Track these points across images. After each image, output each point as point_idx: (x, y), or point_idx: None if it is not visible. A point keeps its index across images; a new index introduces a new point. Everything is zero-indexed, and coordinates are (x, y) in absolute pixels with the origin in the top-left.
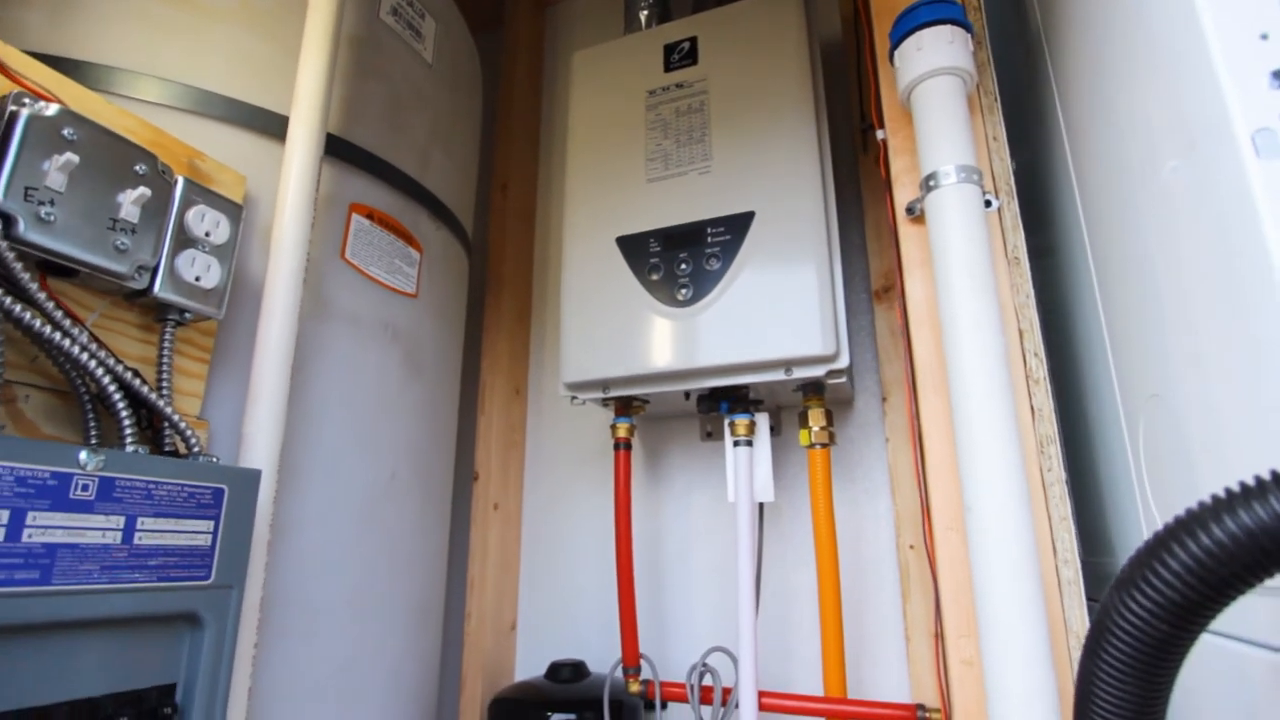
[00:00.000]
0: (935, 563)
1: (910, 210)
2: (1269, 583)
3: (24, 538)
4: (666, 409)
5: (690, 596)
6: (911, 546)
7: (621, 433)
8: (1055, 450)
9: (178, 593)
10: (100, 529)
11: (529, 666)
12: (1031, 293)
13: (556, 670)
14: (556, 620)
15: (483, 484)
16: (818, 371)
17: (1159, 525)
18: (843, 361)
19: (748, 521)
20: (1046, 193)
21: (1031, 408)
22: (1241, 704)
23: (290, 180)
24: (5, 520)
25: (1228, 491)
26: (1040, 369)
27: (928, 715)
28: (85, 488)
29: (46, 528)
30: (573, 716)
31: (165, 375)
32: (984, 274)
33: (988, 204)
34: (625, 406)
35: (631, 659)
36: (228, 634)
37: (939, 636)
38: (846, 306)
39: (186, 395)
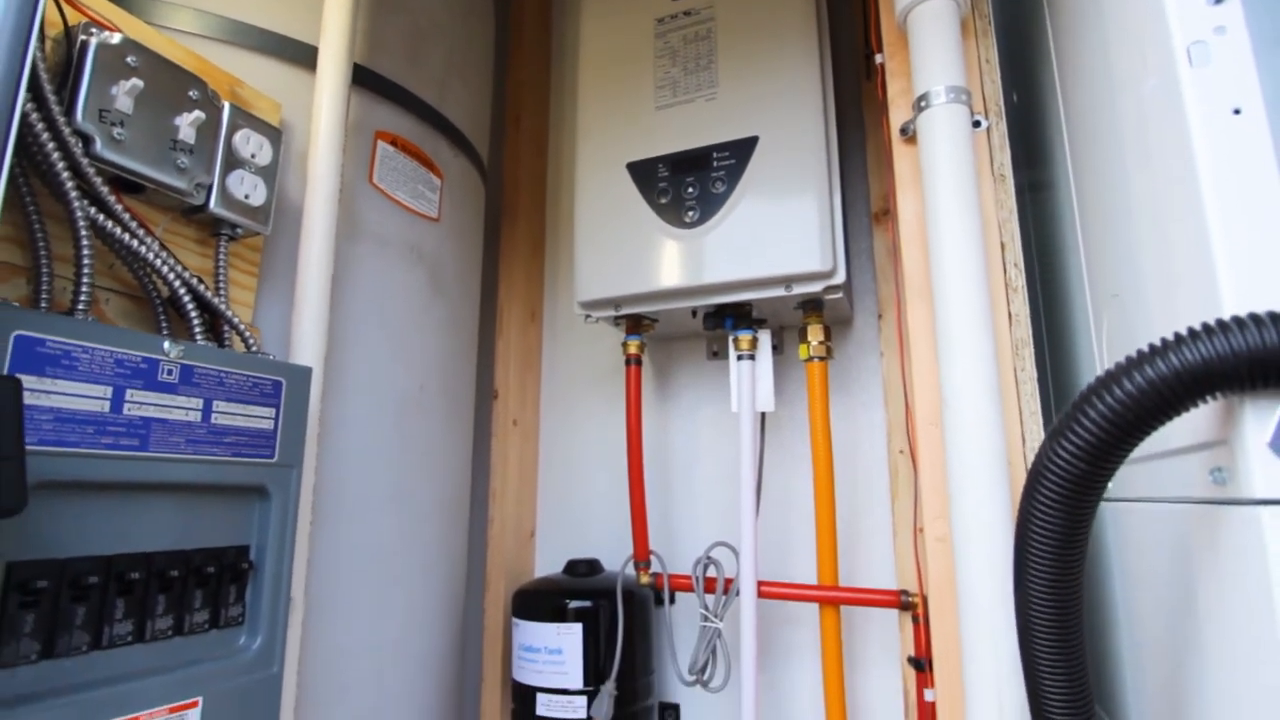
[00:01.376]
0: (917, 455)
1: (904, 131)
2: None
3: (124, 411)
4: (674, 329)
5: (696, 503)
6: (901, 451)
7: (632, 349)
8: (1028, 352)
9: (248, 467)
10: (184, 408)
11: (547, 568)
12: (1014, 208)
13: (573, 567)
14: (572, 527)
15: (502, 402)
16: (816, 287)
17: None
18: (839, 277)
19: (750, 429)
20: (1041, 126)
21: (1009, 313)
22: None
23: (323, 107)
24: (110, 395)
25: (1137, 353)
26: (1019, 278)
27: (910, 599)
28: (170, 372)
29: (141, 404)
30: (588, 604)
31: (222, 285)
32: (969, 189)
33: (977, 124)
34: (635, 325)
35: (642, 554)
36: (290, 507)
37: (918, 530)
38: (847, 230)
39: (239, 305)
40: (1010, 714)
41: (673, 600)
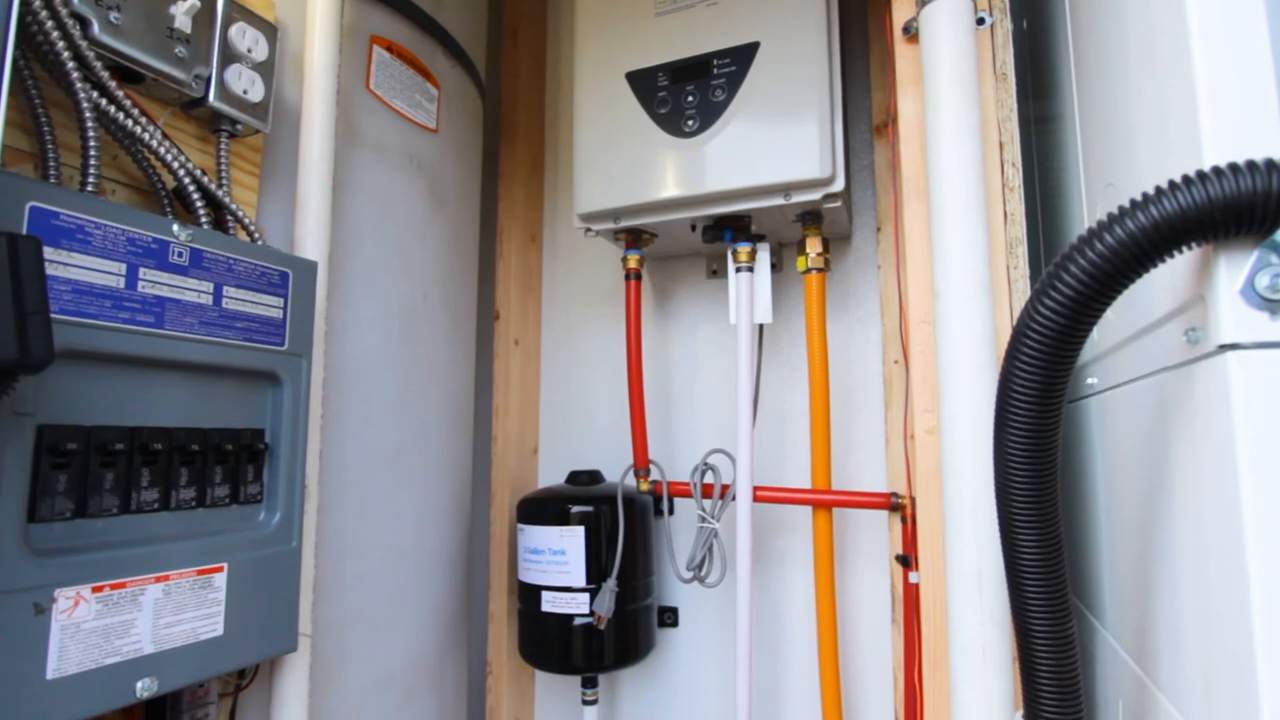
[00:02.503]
0: (909, 352)
1: (906, 30)
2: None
3: (139, 288)
4: (673, 246)
5: (694, 417)
6: (896, 361)
7: (632, 264)
8: (1022, 251)
9: (259, 353)
10: (195, 290)
11: (550, 483)
12: (1015, 107)
13: (575, 476)
14: (574, 444)
15: (503, 322)
16: (815, 195)
17: None
18: (838, 185)
19: (747, 341)
20: (1050, 55)
21: (1005, 212)
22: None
23: (318, 4)
24: (124, 272)
25: (1118, 209)
26: (1016, 178)
27: (900, 500)
28: (180, 254)
29: (155, 283)
30: (590, 508)
31: (224, 181)
32: (970, 86)
33: (980, 21)
34: (635, 239)
35: (642, 462)
36: (301, 395)
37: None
38: (848, 143)
39: (242, 205)
40: (989, 587)
41: (672, 510)
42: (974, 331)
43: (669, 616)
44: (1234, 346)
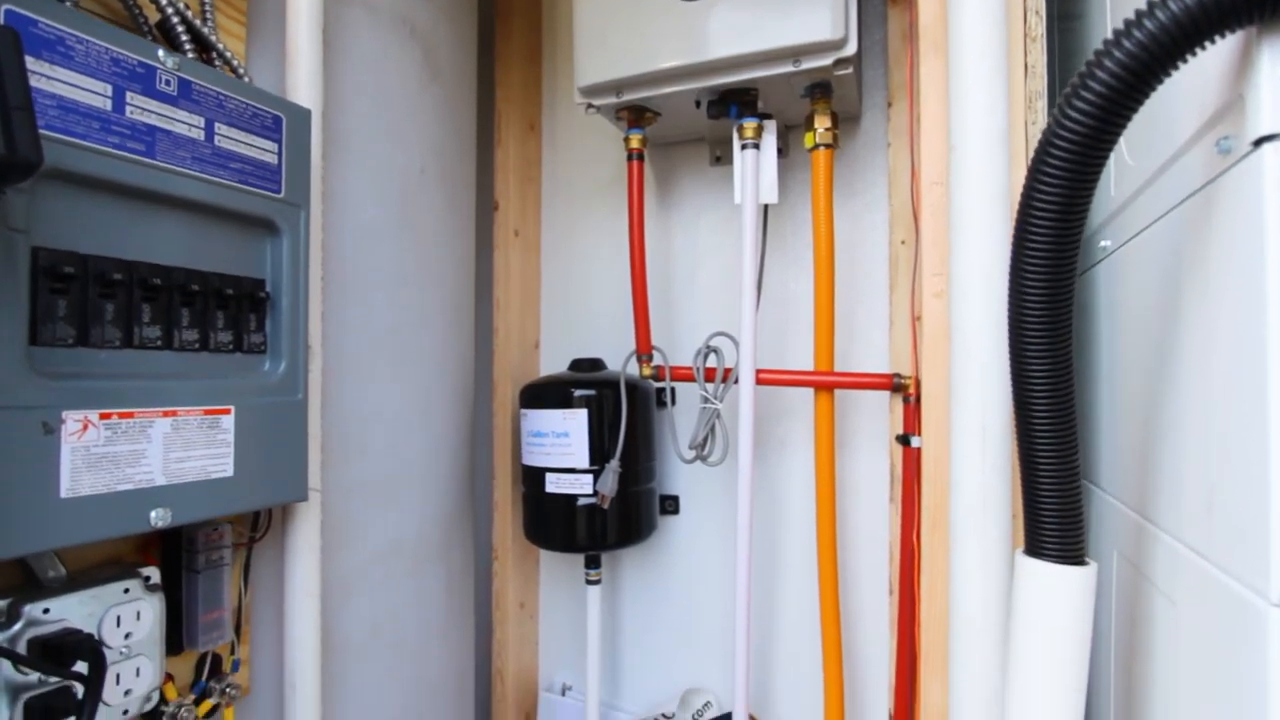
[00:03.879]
0: (919, 215)
1: None
2: None
3: (126, 113)
4: (677, 128)
5: (697, 306)
6: (903, 241)
7: (634, 144)
8: (1041, 105)
9: (255, 198)
10: (186, 123)
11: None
12: None
13: (578, 364)
14: (575, 338)
15: (503, 213)
16: (826, 60)
17: None
18: (850, 48)
19: (752, 221)
20: None
21: (1025, 64)
22: (1165, 266)
23: None
24: (110, 94)
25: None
26: (1039, 26)
27: (902, 381)
28: (168, 83)
29: (143, 109)
30: (593, 392)
31: (209, 20)
32: None
33: None
34: (637, 117)
35: (645, 347)
36: (301, 246)
37: (917, 318)
38: (861, 14)
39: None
40: (992, 438)
41: (674, 401)
42: (989, 186)
43: (670, 504)
44: (1272, 137)
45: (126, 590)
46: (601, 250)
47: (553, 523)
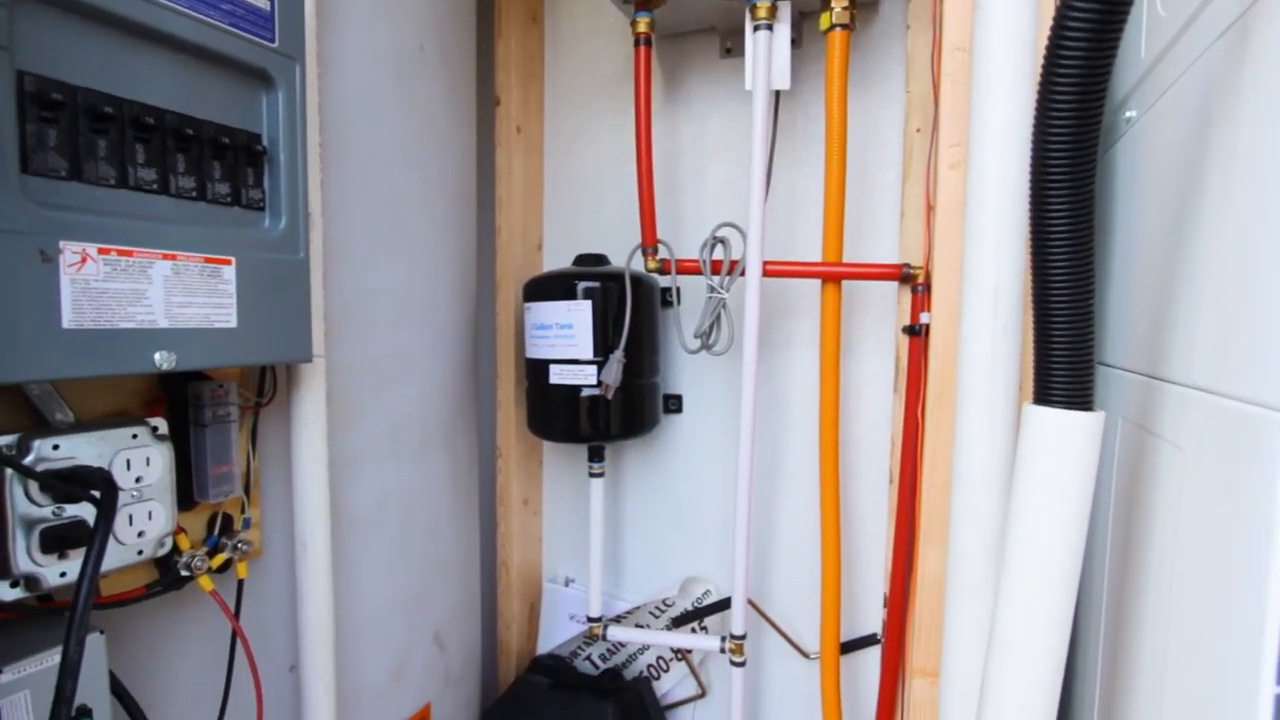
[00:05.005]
0: (939, 85)
1: None
2: None
3: None
4: (685, 15)
5: (703, 204)
6: (918, 130)
7: (642, 27)
8: None
9: (249, 45)
10: None
11: None
12: None
13: (582, 259)
14: (579, 239)
15: (504, 109)
16: None
17: None
18: None
19: (763, 106)
20: None
21: None
22: (1194, 122)
23: None
24: None
25: None
26: None
27: (912, 271)
28: None
29: None
30: (597, 284)
31: None
32: None
33: None
34: (645, 0)
35: (650, 240)
36: (297, 101)
37: (931, 207)
38: None
39: None
40: (1005, 299)
41: (679, 300)
42: (1014, 47)
43: (674, 403)
44: None
45: (135, 436)
46: (606, 151)
47: (556, 414)
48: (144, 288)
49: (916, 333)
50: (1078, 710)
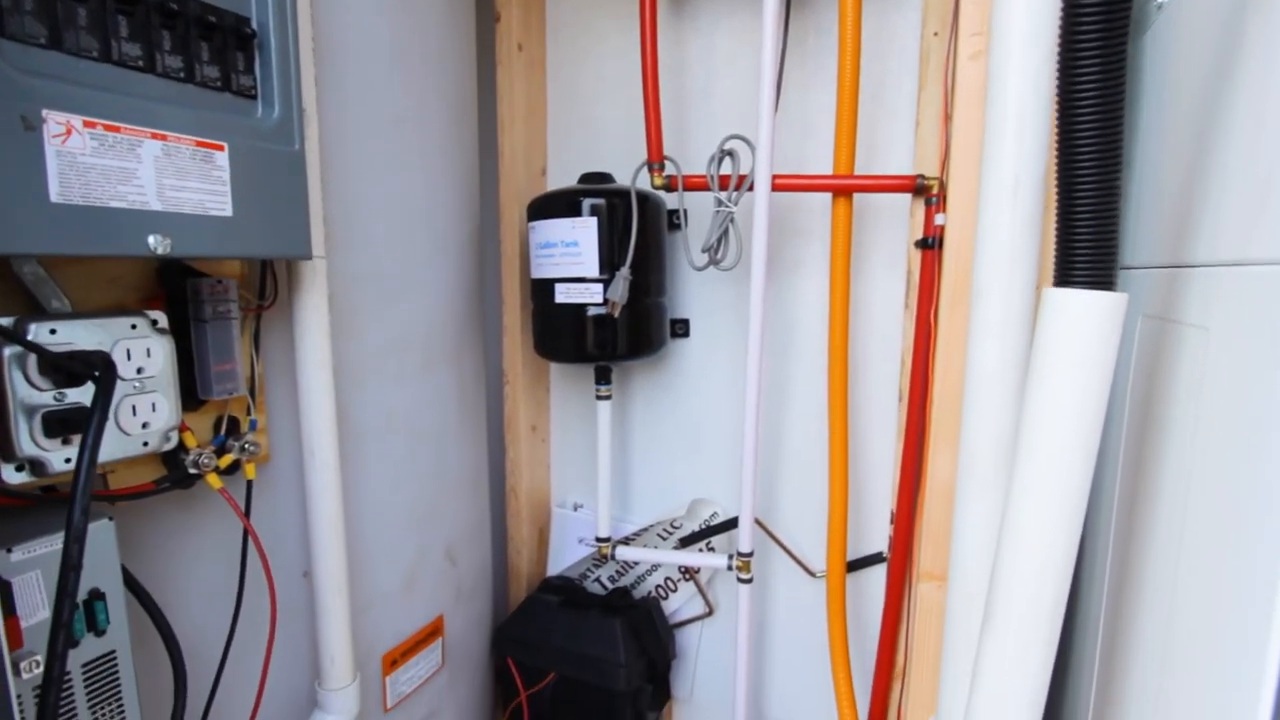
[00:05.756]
0: None
1: None
2: None
3: None
4: None
5: (711, 123)
6: (935, 34)
7: None
8: None
9: None
10: None
11: None
12: None
13: (586, 178)
14: (584, 164)
15: (505, 25)
16: None
17: None
18: None
19: (774, 10)
20: None
21: None
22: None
23: None
24: None
25: None
26: None
27: (926, 182)
28: None
29: None
30: (602, 200)
31: None
32: None
33: None
34: None
35: (656, 155)
36: None
37: (946, 118)
38: None
39: None
40: (1025, 187)
41: (686, 223)
42: None
43: (680, 327)
44: None
45: (134, 326)
46: (611, 70)
47: (563, 334)
48: (133, 166)
49: (930, 246)
50: (1084, 609)
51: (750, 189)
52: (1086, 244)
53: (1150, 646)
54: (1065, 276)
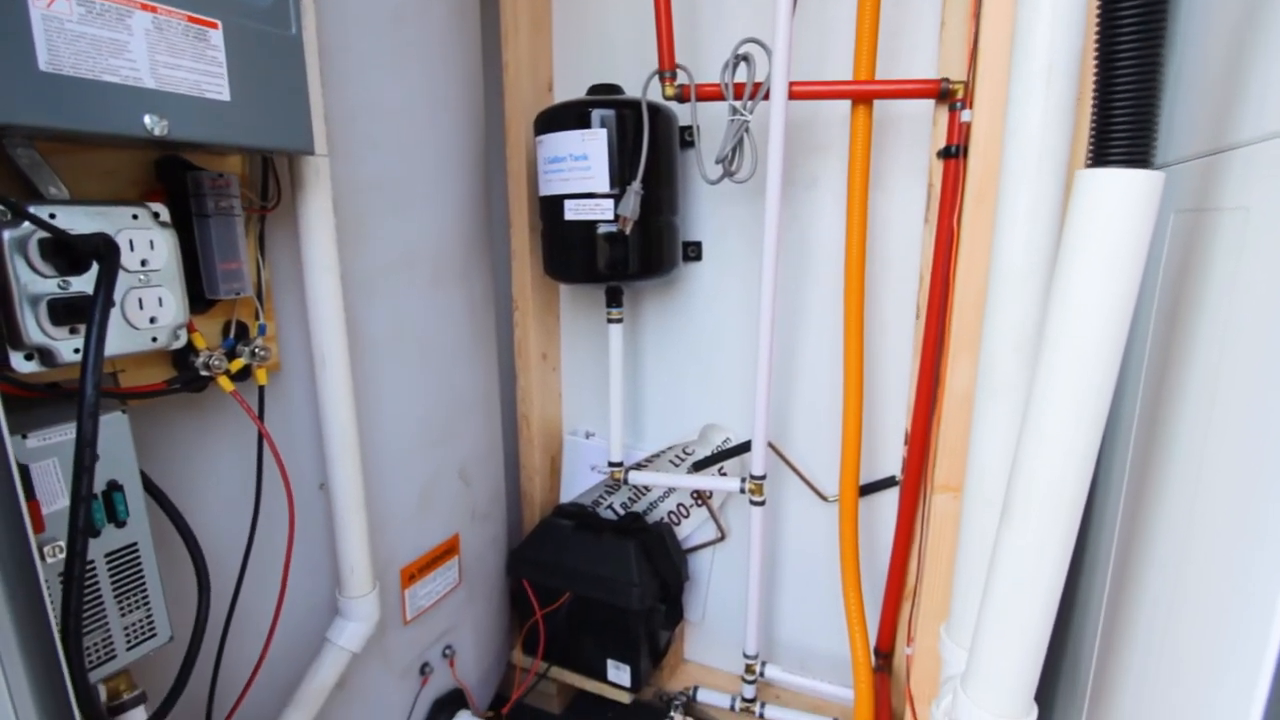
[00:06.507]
0: None
1: None
2: None
3: None
4: None
5: (724, 32)
6: None
7: None
8: None
9: None
10: None
11: None
12: None
13: (595, 89)
14: (592, 78)
15: None
16: None
17: None
18: None
19: None
20: None
21: None
22: None
23: None
24: None
25: None
26: None
27: (951, 86)
28: None
29: None
30: (612, 111)
31: None
32: None
33: None
34: None
35: (668, 63)
36: None
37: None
38: None
39: None
40: (1059, 75)
41: (699, 138)
42: None
43: (693, 250)
44: None
45: (135, 217)
46: None
47: (573, 253)
48: (124, 38)
49: (953, 154)
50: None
51: (766, 97)
52: (1125, 118)
53: (1169, 545)
54: (1101, 155)
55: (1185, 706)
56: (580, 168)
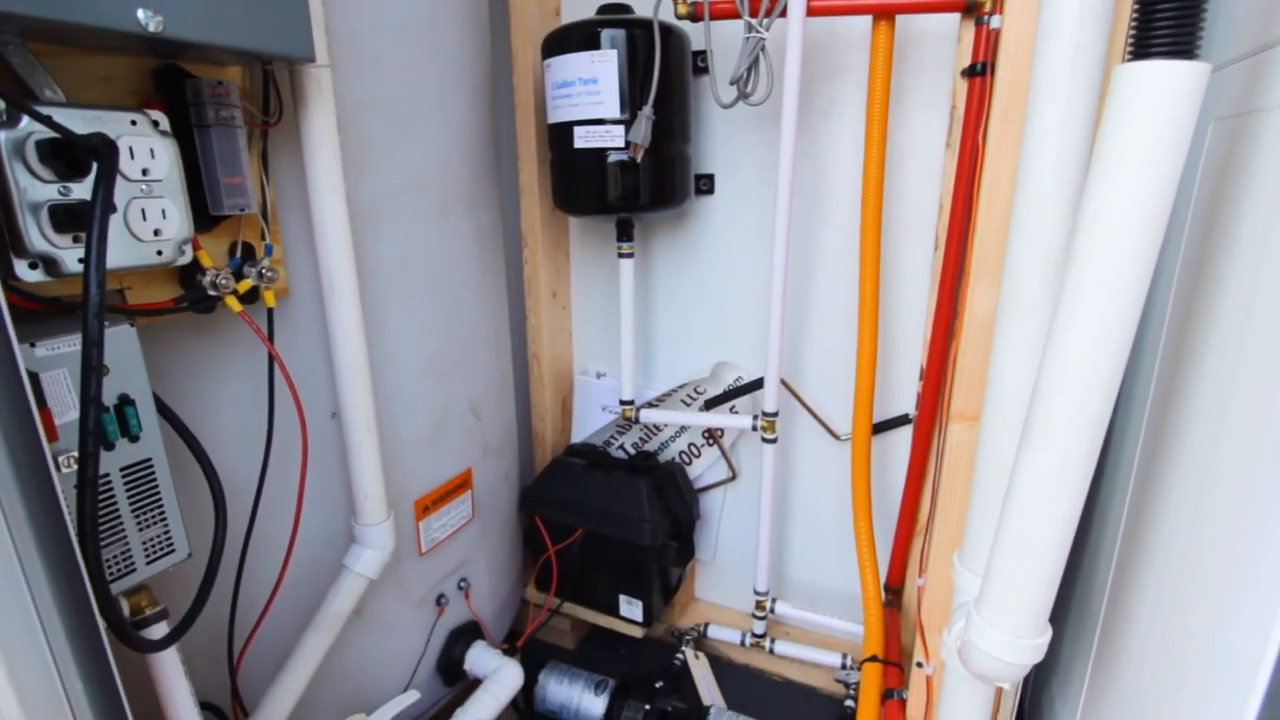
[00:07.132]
0: None
1: None
2: None
3: None
4: None
5: None
6: None
7: None
8: None
9: None
10: None
11: None
12: None
13: (605, 9)
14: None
15: None
16: None
17: None
18: None
19: None
20: None
21: None
22: None
23: None
24: None
25: None
26: None
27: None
28: None
29: None
30: (623, 31)
31: None
32: None
33: None
34: None
35: None
36: None
37: None
38: None
39: None
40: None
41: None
42: None
43: (705, 183)
44: None
45: (134, 123)
46: None
47: (583, 182)
48: None
49: (978, 72)
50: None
51: (784, 13)
52: (1170, 12)
53: (1193, 468)
54: (1143, 47)
55: (1203, 631)
56: (590, 92)
